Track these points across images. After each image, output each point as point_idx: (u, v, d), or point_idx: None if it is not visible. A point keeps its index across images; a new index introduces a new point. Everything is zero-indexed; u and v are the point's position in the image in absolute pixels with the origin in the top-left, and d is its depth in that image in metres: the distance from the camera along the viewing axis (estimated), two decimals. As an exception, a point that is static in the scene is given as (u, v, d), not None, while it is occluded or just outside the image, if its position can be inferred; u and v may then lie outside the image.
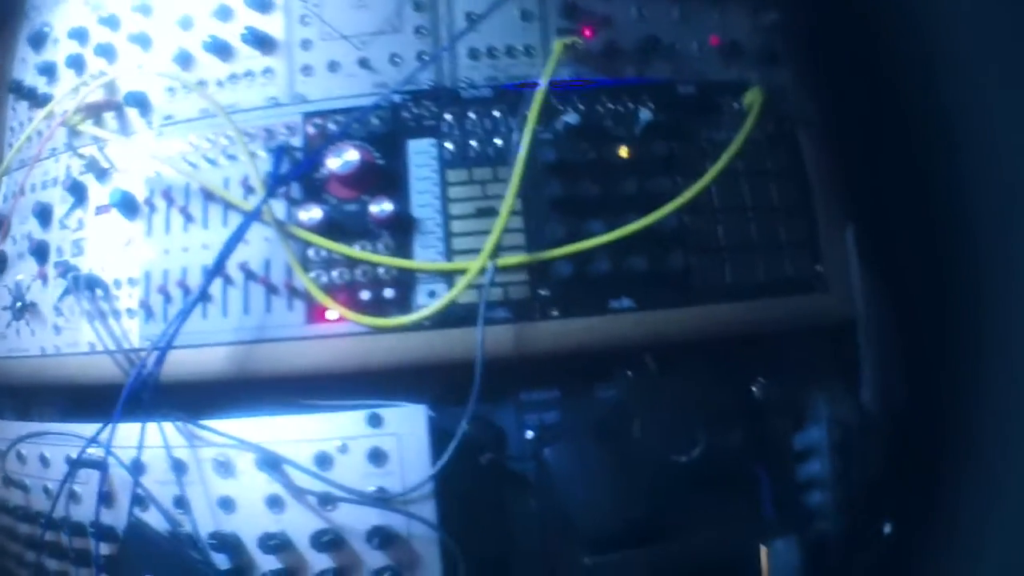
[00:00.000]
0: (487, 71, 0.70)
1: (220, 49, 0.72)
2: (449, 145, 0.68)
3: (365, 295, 0.66)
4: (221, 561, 0.63)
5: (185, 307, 0.64)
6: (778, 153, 0.72)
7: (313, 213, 0.66)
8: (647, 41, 0.71)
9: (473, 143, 0.68)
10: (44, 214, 0.77)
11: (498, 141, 0.68)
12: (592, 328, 0.66)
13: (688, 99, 0.71)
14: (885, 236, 0.75)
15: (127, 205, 0.72)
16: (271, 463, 0.63)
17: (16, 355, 0.76)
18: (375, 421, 0.63)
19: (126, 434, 0.66)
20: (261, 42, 0.71)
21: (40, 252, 0.76)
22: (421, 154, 0.68)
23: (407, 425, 0.63)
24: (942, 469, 0.80)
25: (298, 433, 0.64)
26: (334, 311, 0.66)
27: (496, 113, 0.69)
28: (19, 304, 0.77)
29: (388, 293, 0.66)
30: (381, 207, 0.66)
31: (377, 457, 0.63)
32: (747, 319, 0.68)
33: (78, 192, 0.75)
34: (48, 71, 0.81)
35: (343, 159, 0.66)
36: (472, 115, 0.69)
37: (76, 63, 0.79)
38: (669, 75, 0.71)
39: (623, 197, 0.67)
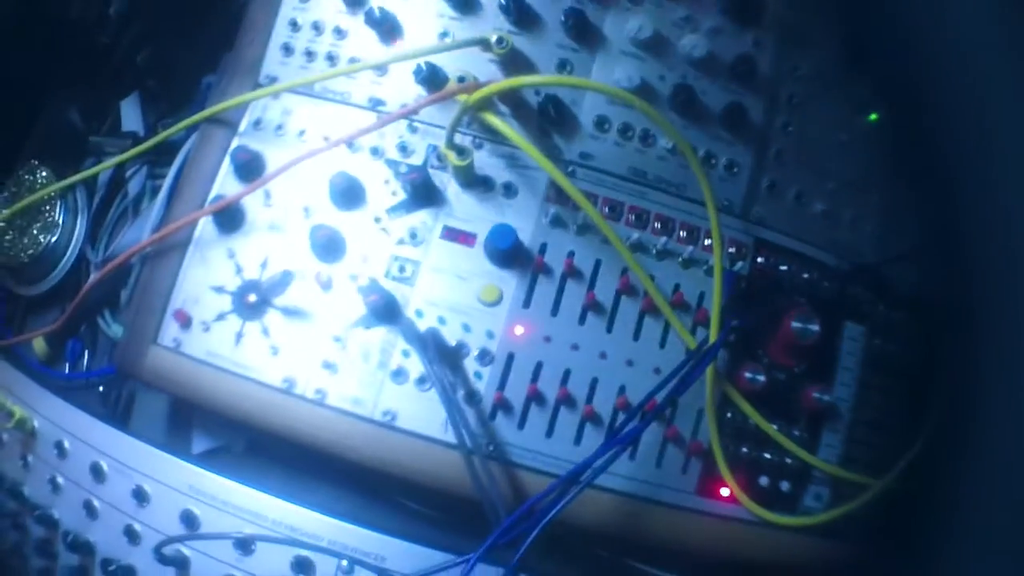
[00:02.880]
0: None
1: (689, 105, 0.48)
2: (877, 341, 0.52)
3: (764, 480, 0.48)
4: None
5: (609, 445, 0.41)
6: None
7: (755, 376, 0.46)
8: None
9: (892, 347, 0.53)
10: (350, 193, 0.47)
11: (914, 354, 0.54)
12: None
13: None
14: None
15: (506, 251, 0.46)
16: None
17: (219, 365, 0.46)
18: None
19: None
20: (737, 122, 0.49)
21: (329, 246, 0.46)
22: (852, 341, 0.50)
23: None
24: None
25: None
26: (728, 489, 0.47)
27: (920, 324, 0.54)
28: (253, 298, 0.46)
29: (784, 485, 0.49)
30: (822, 396, 0.48)
31: None
32: None
33: (424, 193, 0.47)
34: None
35: (808, 326, 0.47)
36: (898, 315, 0.54)
37: (470, 5, 0.49)
38: None
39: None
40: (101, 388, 0.54)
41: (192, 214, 0.48)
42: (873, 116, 0.55)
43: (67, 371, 0.55)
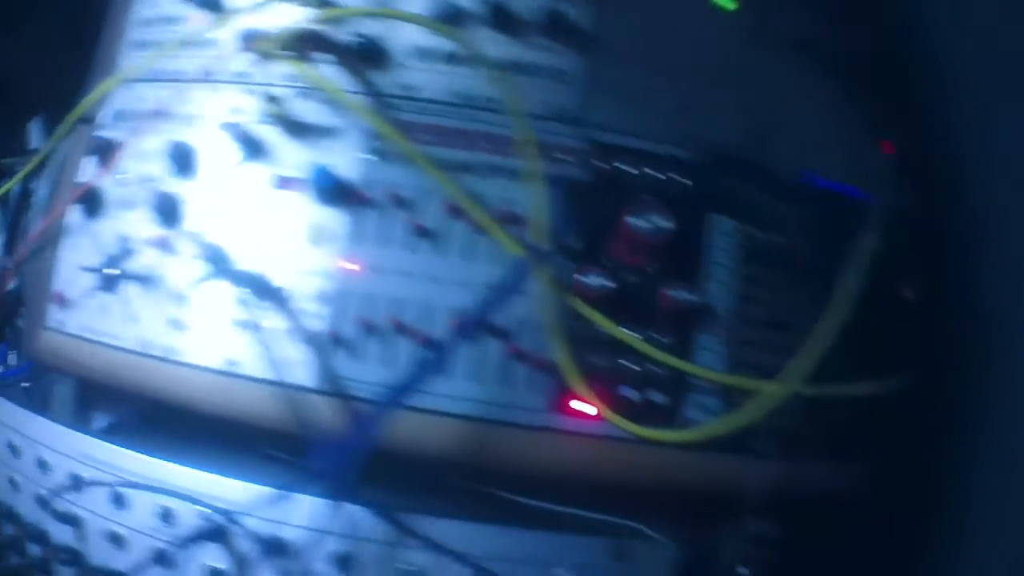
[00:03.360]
0: (812, 162, 0.50)
1: (504, 21, 0.46)
2: (757, 234, 0.48)
3: (628, 392, 0.45)
4: None
5: (427, 363, 0.40)
6: None
7: (599, 281, 0.44)
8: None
9: (780, 240, 0.49)
10: (183, 159, 0.48)
11: (807, 246, 0.49)
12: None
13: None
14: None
15: (328, 190, 0.46)
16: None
17: (90, 338, 0.48)
18: (622, 555, 0.43)
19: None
20: (561, 28, 0.46)
21: (167, 210, 0.47)
22: (724, 236, 0.47)
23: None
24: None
25: (524, 551, 0.42)
26: (588, 405, 0.45)
27: (813, 214, 0.48)
28: (111, 271, 0.48)
29: (656, 397, 0.46)
30: (681, 296, 0.45)
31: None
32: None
33: (254, 149, 0.47)
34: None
35: (653, 222, 0.44)
36: (786, 207, 0.49)
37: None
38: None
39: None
40: (27, 384, 0.58)
41: (57, 207, 0.51)
42: (726, 2, 0.51)
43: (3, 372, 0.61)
